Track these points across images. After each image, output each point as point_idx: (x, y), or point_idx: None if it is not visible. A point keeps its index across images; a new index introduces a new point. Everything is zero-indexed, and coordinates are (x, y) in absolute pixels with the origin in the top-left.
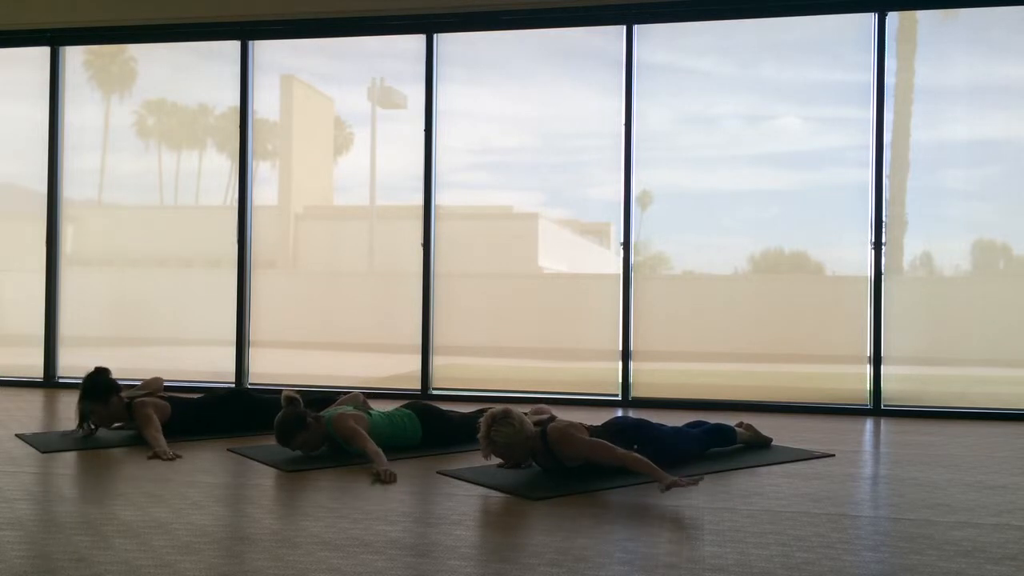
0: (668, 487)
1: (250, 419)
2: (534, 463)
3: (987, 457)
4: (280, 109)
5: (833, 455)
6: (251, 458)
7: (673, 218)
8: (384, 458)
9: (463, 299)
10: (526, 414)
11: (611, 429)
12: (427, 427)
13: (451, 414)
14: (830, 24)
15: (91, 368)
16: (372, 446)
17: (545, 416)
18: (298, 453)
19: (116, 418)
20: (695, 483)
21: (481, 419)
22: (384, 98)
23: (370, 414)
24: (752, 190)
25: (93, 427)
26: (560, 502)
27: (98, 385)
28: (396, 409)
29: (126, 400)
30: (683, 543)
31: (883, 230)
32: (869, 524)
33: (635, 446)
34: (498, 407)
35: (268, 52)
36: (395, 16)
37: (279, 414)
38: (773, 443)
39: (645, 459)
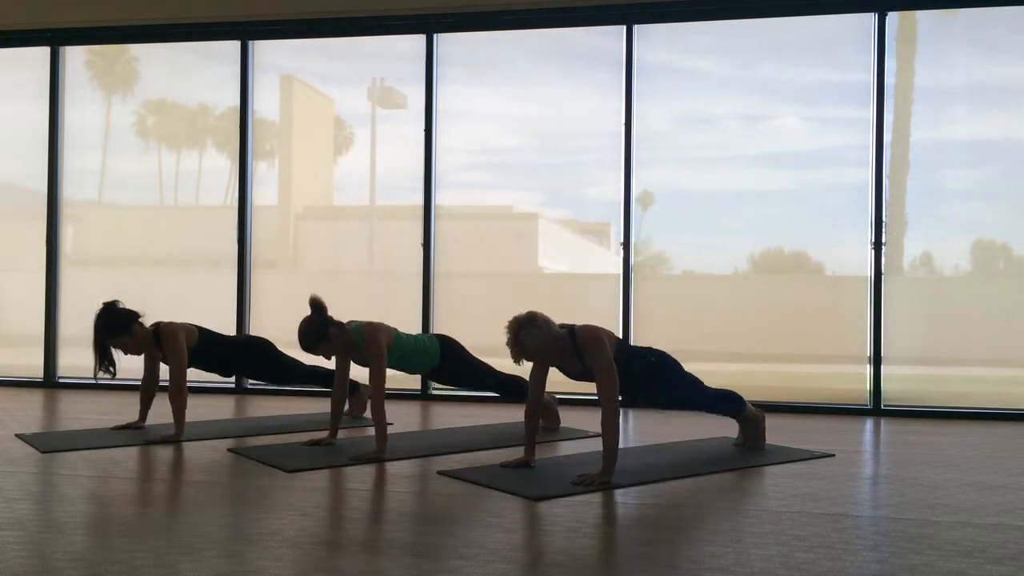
0: (590, 483)
1: (268, 371)
2: (560, 370)
3: (987, 457)
4: (280, 109)
5: (833, 455)
6: (251, 458)
7: (673, 218)
8: (384, 437)
9: (463, 299)
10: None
11: (634, 365)
12: (445, 356)
13: (472, 357)
14: (830, 24)
15: (100, 308)
16: (381, 397)
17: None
18: (299, 450)
19: (144, 346)
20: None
21: (506, 326)
22: (384, 98)
23: (398, 334)
24: (752, 190)
25: (113, 369)
26: (560, 502)
27: (116, 316)
28: (421, 335)
29: (151, 327)
30: (683, 543)
31: (883, 230)
32: (869, 524)
33: (639, 397)
34: (522, 313)
35: (268, 52)
36: (395, 16)
37: (303, 320)
38: (773, 443)
39: (616, 440)
